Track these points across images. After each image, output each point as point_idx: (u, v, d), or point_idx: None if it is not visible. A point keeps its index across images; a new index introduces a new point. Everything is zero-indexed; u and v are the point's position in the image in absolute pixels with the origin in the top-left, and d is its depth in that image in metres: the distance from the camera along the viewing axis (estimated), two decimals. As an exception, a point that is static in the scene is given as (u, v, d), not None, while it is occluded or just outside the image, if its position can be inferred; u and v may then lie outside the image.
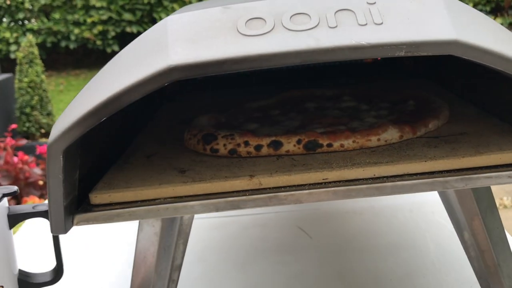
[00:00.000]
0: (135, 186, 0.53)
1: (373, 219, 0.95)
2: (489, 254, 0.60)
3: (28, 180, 2.75)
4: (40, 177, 2.73)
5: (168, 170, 0.57)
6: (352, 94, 0.80)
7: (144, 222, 0.58)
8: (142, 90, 0.45)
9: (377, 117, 0.67)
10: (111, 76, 0.48)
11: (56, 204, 0.49)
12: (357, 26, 0.46)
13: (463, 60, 0.51)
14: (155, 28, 0.50)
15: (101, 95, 0.45)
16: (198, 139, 0.62)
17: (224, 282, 0.78)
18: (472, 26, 0.47)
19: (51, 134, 0.47)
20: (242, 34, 0.46)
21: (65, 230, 0.51)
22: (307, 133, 0.58)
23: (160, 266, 0.58)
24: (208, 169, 0.56)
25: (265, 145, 0.58)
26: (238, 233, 0.93)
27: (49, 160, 0.47)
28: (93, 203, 0.53)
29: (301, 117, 0.70)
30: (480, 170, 0.52)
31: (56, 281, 0.62)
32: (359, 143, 0.58)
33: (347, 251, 0.85)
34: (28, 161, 2.81)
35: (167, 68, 0.44)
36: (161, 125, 0.78)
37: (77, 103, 0.48)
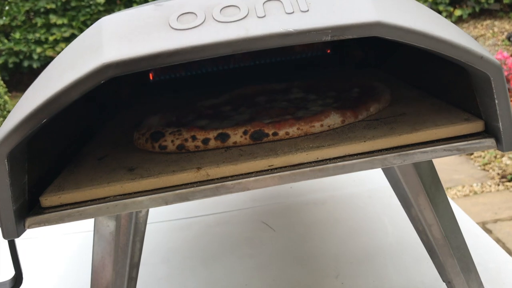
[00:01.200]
0: (84, 187, 0.54)
1: (334, 207, 0.97)
2: (436, 228, 0.62)
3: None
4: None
5: (117, 170, 0.58)
6: (301, 86, 0.82)
7: (99, 223, 0.59)
8: (79, 89, 0.46)
9: (323, 106, 0.69)
10: (49, 78, 0.49)
11: (5, 209, 0.50)
12: (285, 14, 0.47)
13: (406, 46, 0.53)
14: (90, 29, 0.51)
15: (40, 97, 0.46)
16: (146, 137, 0.63)
17: (189, 279, 0.79)
18: (394, 8, 0.49)
19: (-6, 140, 0.48)
20: (174, 28, 0.47)
21: (17, 234, 0.51)
22: (253, 123, 0.60)
23: (118, 265, 0.59)
24: (157, 165, 0.57)
25: (212, 138, 0.60)
26: (202, 232, 0.94)
27: (-7, 165, 0.48)
28: (44, 206, 0.53)
29: (250, 111, 0.72)
30: (417, 146, 0.54)
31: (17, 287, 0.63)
32: (303, 130, 0.60)
33: (309, 240, 0.87)
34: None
35: (102, 66, 0.45)
36: (115, 129, 0.78)
37: (19, 107, 0.49)
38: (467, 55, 0.49)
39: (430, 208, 0.62)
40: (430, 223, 0.62)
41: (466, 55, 0.49)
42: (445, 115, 0.59)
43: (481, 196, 2.79)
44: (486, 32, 5.52)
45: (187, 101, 0.84)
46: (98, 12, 5.93)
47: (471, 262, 0.63)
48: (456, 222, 0.63)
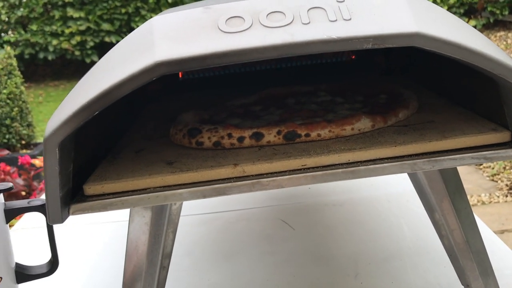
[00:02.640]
0: (126, 177, 0.57)
1: (352, 209, 0.99)
2: (458, 233, 0.64)
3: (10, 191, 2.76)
4: (22, 187, 2.73)
5: (156, 163, 0.61)
6: (327, 90, 0.84)
7: (135, 213, 0.61)
8: (132, 84, 0.48)
9: (351, 110, 0.71)
10: (102, 73, 0.51)
11: (53, 195, 0.52)
12: (328, 22, 0.50)
13: (430, 54, 0.55)
14: (141, 29, 0.54)
15: (93, 90, 0.49)
16: (183, 133, 0.65)
17: (211, 272, 0.82)
18: (433, 20, 0.52)
19: (47, 128, 0.51)
20: (223, 31, 0.50)
21: (61, 220, 0.54)
22: (286, 124, 0.63)
23: (151, 254, 0.62)
24: (194, 160, 0.60)
25: (247, 136, 0.62)
26: (224, 227, 0.96)
27: (45, 153, 0.50)
28: (87, 194, 0.56)
29: (280, 111, 0.74)
30: (445, 152, 0.57)
31: (52, 272, 0.65)
32: (334, 132, 0.62)
33: (327, 239, 0.89)
34: (10, 172, 2.81)
35: (154, 64, 0.48)
36: (146, 124, 0.81)
37: (71, 98, 0.51)
38: (500, 68, 0.51)
39: (453, 213, 0.64)
40: (452, 228, 0.64)
41: (499, 67, 0.51)
42: (473, 124, 0.61)
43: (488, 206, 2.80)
44: (500, 43, 5.52)
45: (216, 99, 0.86)
46: (115, 7, 5.98)
47: (490, 266, 0.66)
48: (477, 228, 0.65)
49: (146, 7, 6.09)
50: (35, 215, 1.04)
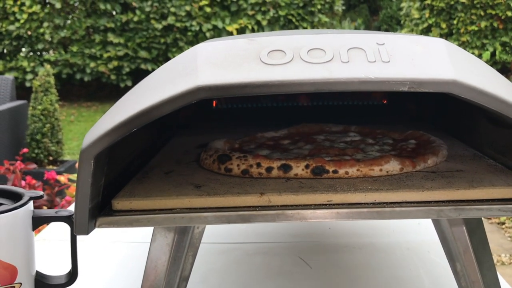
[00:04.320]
0: (154, 196, 0.58)
1: (371, 254, 0.98)
2: (478, 285, 0.63)
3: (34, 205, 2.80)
4: (45, 201, 2.77)
5: (184, 185, 0.62)
6: (357, 131, 0.85)
7: (158, 233, 0.62)
8: (172, 106, 0.50)
9: (380, 151, 0.72)
10: (143, 93, 0.53)
11: (82, 206, 0.54)
12: (367, 62, 0.51)
13: (463, 105, 0.56)
14: (185, 54, 0.56)
15: (133, 108, 0.51)
16: (213, 159, 0.67)
17: (226, 302, 0.81)
18: (470, 70, 0.53)
19: (84, 141, 0.52)
20: (265, 62, 0.51)
21: (87, 232, 0.55)
22: (315, 159, 0.63)
23: (170, 276, 0.62)
24: (222, 185, 0.61)
25: (276, 167, 0.63)
26: (241, 259, 0.96)
27: (80, 164, 0.52)
28: (115, 209, 0.57)
29: (309, 147, 0.75)
30: (472, 202, 0.56)
31: (70, 284, 0.66)
32: (362, 171, 0.62)
33: (345, 282, 0.88)
34: (35, 186, 2.86)
35: (195, 88, 0.49)
36: (176, 148, 0.83)
37: (111, 115, 0.53)
38: (535, 122, 0.51)
39: (475, 265, 0.63)
40: (473, 279, 0.63)
41: (534, 122, 0.51)
42: (501, 176, 0.61)
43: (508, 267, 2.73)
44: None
45: (246, 131, 0.88)
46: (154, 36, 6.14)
47: (510, 325, 0.64)
48: (498, 283, 0.64)
49: (185, 39, 6.24)
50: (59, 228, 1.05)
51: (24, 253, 0.62)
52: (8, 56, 6.29)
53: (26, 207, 0.61)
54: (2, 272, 0.59)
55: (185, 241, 0.64)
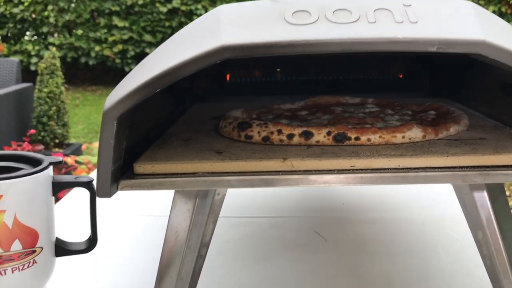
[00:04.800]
0: (175, 160, 0.57)
1: (385, 228, 0.98)
2: (501, 253, 0.63)
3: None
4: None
5: (204, 151, 0.61)
6: (375, 103, 0.84)
7: (178, 199, 0.62)
8: (196, 66, 0.49)
9: (400, 121, 0.71)
10: (166, 53, 0.53)
11: (105, 168, 0.53)
12: (394, 23, 0.50)
13: (481, 78, 0.55)
14: (207, 16, 0.55)
15: (157, 68, 0.50)
16: (233, 126, 0.66)
17: (243, 272, 0.81)
18: (498, 31, 0.52)
19: (106, 103, 0.52)
20: (290, 23, 0.50)
21: (109, 194, 0.55)
22: (336, 126, 0.63)
23: (191, 241, 0.62)
24: (243, 151, 0.61)
25: (297, 134, 0.63)
26: (257, 232, 0.96)
27: (103, 126, 0.51)
28: (136, 173, 0.57)
29: (328, 117, 0.75)
30: (497, 168, 0.56)
31: (90, 250, 0.66)
32: (385, 138, 0.62)
33: (360, 254, 0.88)
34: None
35: (221, 47, 0.49)
36: (193, 119, 0.82)
37: (133, 76, 0.53)
38: None
39: (498, 233, 0.63)
40: (495, 247, 0.63)
41: None
42: (526, 144, 0.60)
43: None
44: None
45: (261, 103, 0.87)
46: (159, 20, 6.11)
47: (531, 294, 0.64)
48: (520, 252, 0.64)
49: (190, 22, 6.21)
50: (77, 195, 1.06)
51: (45, 217, 0.62)
52: (12, 40, 6.28)
53: (46, 172, 0.61)
54: (23, 236, 0.59)
55: (206, 207, 0.63)
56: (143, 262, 0.84)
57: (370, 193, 1.16)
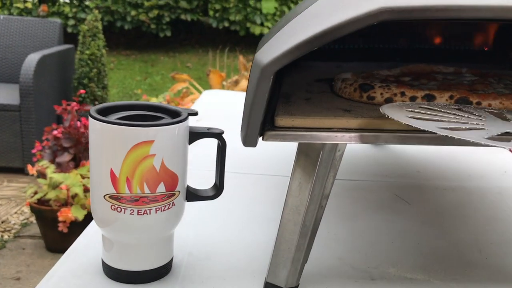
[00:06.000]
0: (313, 116, 0.62)
1: (464, 196, 1.02)
2: None
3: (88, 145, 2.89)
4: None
5: (332, 109, 0.66)
6: (470, 73, 0.87)
7: (302, 152, 0.66)
8: (354, 26, 0.53)
9: (507, 89, 0.74)
10: (320, 14, 0.56)
11: (256, 120, 0.58)
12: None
13: None
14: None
15: (317, 27, 0.54)
16: (355, 87, 0.70)
17: (337, 228, 0.86)
18: None
19: (263, 57, 0.56)
20: (442, -11, 0.54)
21: (255, 144, 0.59)
22: (458, 90, 0.66)
23: (314, 192, 0.67)
24: (369, 111, 0.65)
25: (420, 97, 0.66)
26: (340, 193, 1.01)
27: (260, 79, 0.56)
28: (278, 125, 0.61)
29: (435, 83, 0.78)
30: None
31: (217, 196, 0.72)
32: (504, 104, 0.65)
33: (444, 217, 0.92)
34: (90, 127, 2.94)
35: (378, 10, 0.52)
36: (297, 83, 0.86)
37: (290, 33, 0.57)
38: None
39: None
40: None
41: None
42: None
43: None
44: None
45: (349, 69, 0.90)
46: (197, -14, 6.09)
47: None
48: None
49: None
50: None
51: (183, 164, 0.67)
52: (50, 2, 6.33)
53: (186, 122, 0.66)
54: (167, 179, 0.64)
55: (329, 161, 0.68)
56: (266, 210, 0.90)
57: (441, 163, 1.20)
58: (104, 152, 0.63)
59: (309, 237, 0.68)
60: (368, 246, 0.82)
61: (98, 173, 0.64)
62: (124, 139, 0.61)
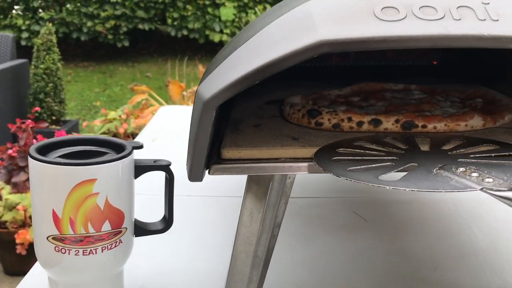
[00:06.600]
0: (260, 146, 0.61)
1: (420, 209, 1.03)
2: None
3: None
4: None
5: (281, 137, 0.65)
6: (419, 90, 0.88)
7: (254, 182, 0.65)
8: (295, 59, 0.52)
9: (454, 108, 0.75)
10: (261, 48, 0.55)
11: (200, 155, 0.57)
12: (478, 20, 0.54)
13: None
14: (296, 10, 0.58)
15: (258, 61, 0.53)
16: (303, 113, 0.69)
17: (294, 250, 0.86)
18: None
19: (205, 92, 0.55)
20: (380, 19, 0.54)
21: (201, 178, 0.58)
22: (404, 114, 0.67)
23: (265, 221, 0.66)
24: (317, 138, 0.64)
25: (366, 122, 0.66)
26: (297, 212, 1.00)
27: (203, 114, 0.55)
28: (224, 158, 0.60)
29: (384, 103, 0.78)
30: (559, 155, 0.60)
31: (166, 230, 0.70)
32: (449, 126, 0.66)
33: (400, 234, 0.93)
34: (46, 145, 2.87)
35: (318, 43, 0.52)
36: (248, 106, 0.85)
37: (232, 67, 0.56)
38: None
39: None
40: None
41: None
42: None
43: None
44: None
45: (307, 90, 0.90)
46: (154, -5, 6.04)
47: None
48: None
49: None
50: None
51: (129, 199, 0.65)
52: (2, 14, 6.17)
53: (131, 156, 0.64)
54: (113, 217, 0.62)
55: (279, 189, 0.67)
56: (217, 242, 0.88)
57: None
58: (45, 193, 0.61)
59: (261, 268, 0.67)
60: (325, 269, 0.82)
61: (40, 214, 0.62)
62: (65, 179, 0.59)
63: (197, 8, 6.25)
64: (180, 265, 0.80)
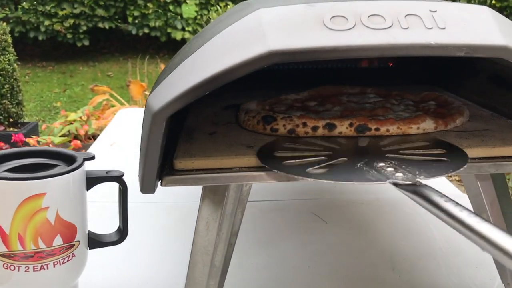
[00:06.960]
0: (214, 156, 0.60)
1: (379, 209, 1.04)
2: (503, 233, 0.69)
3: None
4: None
5: (235, 145, 0.64)
6: (375, 93, 0.89)
7: (209, 191, 0.65)
8: (244, 70, 0.52)
9: (408, 112, 0.76)
10: (210, 57, 0.55)
11: (152, 166, 0.56)
12: (425, 28, 0.54)
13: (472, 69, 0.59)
14: (246, 19, 0.57)
15: (207, 71, 0.52)
16: (257, 120, 0.69)
17: (254, 255, 0.85)
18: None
19: (155, 103, 0.54)
20: (330, 28, 0.54)
21: (154, 190, 0.57)
22: (358, 118, 0.67)
23: (221, 230, 0.65)
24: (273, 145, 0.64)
25: (321, 126, 0.66)
26: (258, 216, 1.00)
27: (152, 125, 0.54)
28: (177, 168, 0.59)
29: (339, 108, 0.79)
30: (508, 158, 0.62)
31: (121, 241, 0.69)
32: (402, 129, 0.67)
33: (360, 234, 0.94)
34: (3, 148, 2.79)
35: (268, 53, 0.52)
36: (204, 110, 0.84)
37: (181, 77, 0.55)
38: None
39: (500, 215, 0.69)
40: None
41: None
42: (527, 135, 0.67)
43: None
44: None
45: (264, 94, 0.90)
46: (112, -7, 5.94)
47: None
48: (517, 231, 0.71)
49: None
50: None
51: (81, 212, 0.63)
52: (-46, 13, 5.97)
53: (82, 168, 0.63)
54: (64, 231, 0.61)
55: (236, 198, 0.67)
56: (174, 251, 0.86)
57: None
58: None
59: (219, 277, 0.66)
60: (286, 273, 0.82)
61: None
62: (12, 194, 0.57)
63: (158, 5, 6.18)
64: (137, 276, 0.79)
